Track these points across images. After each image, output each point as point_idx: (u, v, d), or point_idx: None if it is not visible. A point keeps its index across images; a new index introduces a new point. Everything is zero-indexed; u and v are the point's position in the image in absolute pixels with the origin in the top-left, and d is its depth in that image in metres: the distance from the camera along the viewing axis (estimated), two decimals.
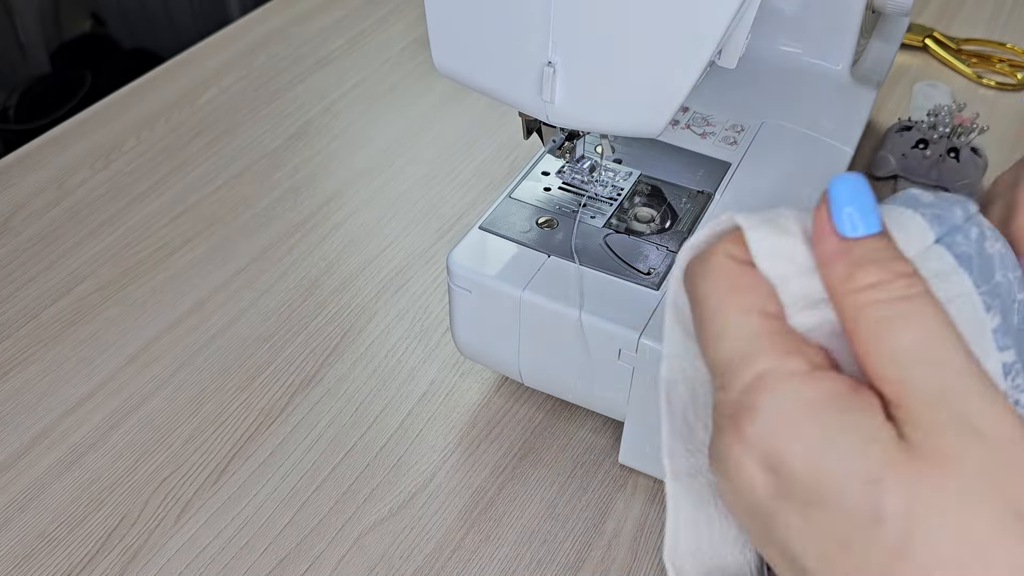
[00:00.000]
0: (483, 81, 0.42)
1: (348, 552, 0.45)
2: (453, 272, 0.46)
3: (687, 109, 0.56)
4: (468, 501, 0.47)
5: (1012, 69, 0.76)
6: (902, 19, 0.66)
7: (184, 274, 0.60)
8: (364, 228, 0.63)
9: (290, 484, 0.48)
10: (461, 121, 0.73)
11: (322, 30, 0.83)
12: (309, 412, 0.52)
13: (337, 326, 0.56)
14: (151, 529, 0.46)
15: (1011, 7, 0.85)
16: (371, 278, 0.60)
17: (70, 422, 0.51)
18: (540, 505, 0.47)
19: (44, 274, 0.60)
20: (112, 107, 0.74)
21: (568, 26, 0.37)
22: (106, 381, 0.53)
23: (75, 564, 0.45)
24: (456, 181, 0.67)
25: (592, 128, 0.42)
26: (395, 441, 0.50)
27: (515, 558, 0.45)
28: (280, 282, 0.59)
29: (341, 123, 0.73)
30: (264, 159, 0.69)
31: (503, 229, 0.47)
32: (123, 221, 0.64)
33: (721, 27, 0.36)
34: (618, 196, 0.49)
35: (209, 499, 0.47)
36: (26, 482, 0.48)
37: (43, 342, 0.56)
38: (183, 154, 0.70)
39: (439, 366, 0.54)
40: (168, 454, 0.50)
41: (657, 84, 0.38)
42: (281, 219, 0.64)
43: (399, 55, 0.80)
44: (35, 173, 0.68)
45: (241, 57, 0.79)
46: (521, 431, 0.50)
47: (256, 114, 0.73)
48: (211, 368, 0.54)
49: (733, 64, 0.40)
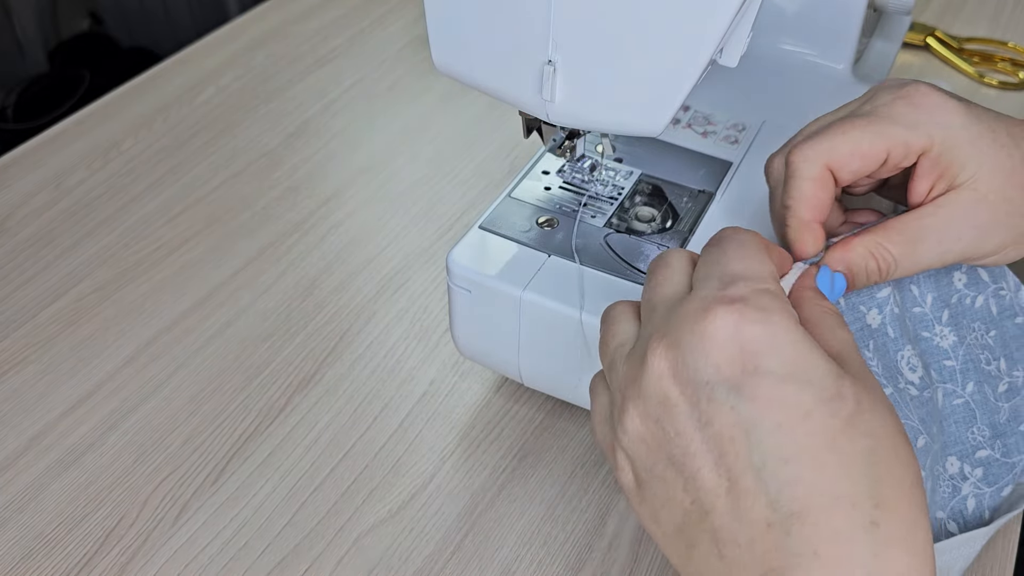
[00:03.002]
0: (483, 80, 0.41)
1: (347, 553, 0.45)
2: (453, 272, 0.46)
3: (688, 108, 0.55)
4: (468, 502, 0.47)
5: (1014, 68, 0.76)
6: (904, 18, 0.65)
7: (182, 274, 0.60)
8: (363, 227, 0.63)
9: (289, 485, 0.48)
10: (461, 120, 0.72)
11: (321, 29, 0.83)
12: (308, 413, 0.51)
13: (336, 326, 0.56)
14: (149, 530, 0.46)
15: (1013, 6, 0.85)
16: (370, 278, 0.59)
17: (68, 423, 0.51)
18: (540, 506, 0.47)
19: (42, 274, 0.60)
20: (110, 106, 0.74)
21: (569, 24, 0.37)
22: (104, 381, 0.53)
23: (73, 565, 0.45)
24: (456, 180, 0.67)
25: (592, 127, 0.41)
26: (394, 442, 0.50)
27: (515, 559, 0.45)
28: (279, 282, 0.59)
29: (340, 122, 0.72)
30: (263, 158, 0.69)
31: (503, 228, 0.47)
32: (121, 221, 0.64)
33: (722, 26, 0.36)
34: (619, 195, 0.49)
35: (208, 500, 0.47)
36: (24, 483, 0.48)
37: (41, 342, 0.55)
38: (181, 153, 0.69)
39: (439, 366, 0.54)
40: (167, 455, 0.49)
41: (658, 83, 0.38)
42: (280, 219, 0.64)
43: (398, 54, 0.80)
44: (33, 173, 0.68)
45: (240, 56, 0.79)
46: (521, 432, 0.50)
47: (255, 113, 0.73)
48: (209, 368, 0.54)
49: (734, 63, 0.40)
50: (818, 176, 0.39)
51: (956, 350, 0.43)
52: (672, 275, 0.34)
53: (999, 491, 0.43)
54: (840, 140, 0.39)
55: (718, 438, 0.29)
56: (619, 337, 0.34)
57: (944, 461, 0.42)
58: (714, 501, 0.29)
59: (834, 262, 0.39)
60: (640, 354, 0.31)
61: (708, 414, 0.29)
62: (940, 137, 0.39)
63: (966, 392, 0.43)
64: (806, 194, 0.39)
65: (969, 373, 0.43)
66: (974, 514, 0.42)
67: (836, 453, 0.28)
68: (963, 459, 0.43)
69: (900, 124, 0.39)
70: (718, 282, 0.32)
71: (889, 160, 0.39)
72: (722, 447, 0.29)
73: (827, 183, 0.39)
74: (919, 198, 0.40)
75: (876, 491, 0.28)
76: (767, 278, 0.32)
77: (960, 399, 0.43)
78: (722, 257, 0.33)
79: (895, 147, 0.39)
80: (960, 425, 0.43)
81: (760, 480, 0.28)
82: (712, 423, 0.29)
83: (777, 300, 0.31)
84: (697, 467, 0.30)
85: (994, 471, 0.43)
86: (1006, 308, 0.45)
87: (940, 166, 0.39)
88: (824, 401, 0.29)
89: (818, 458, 0.28)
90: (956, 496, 0.42)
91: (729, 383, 0.29)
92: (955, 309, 0.44)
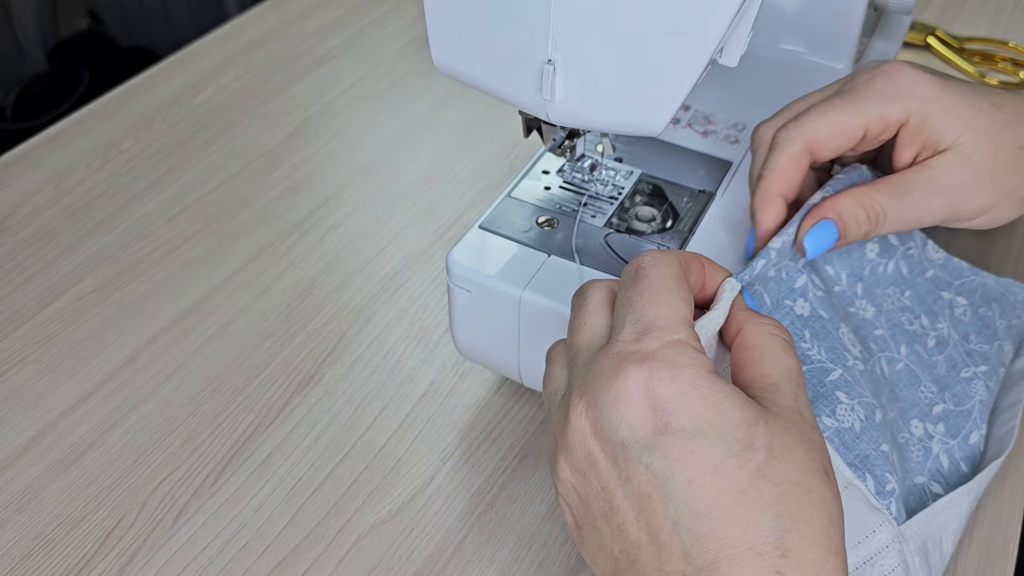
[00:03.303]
0: (483, 79, 0.41)
1: (347, 554, 0.45)
2: (452, 272, 0.46)
3: (688, 108, 0.55)
4: (468, 503, 0.47)
5: (1015, 67, 0.76)
6: (904, 17, 0.65)
7: (182, 274, 0.60)
8: (363, 227, 0.63)
9: (288, 486, 0.48)
10: (460, 120, 0.72)
11: (320, 28, 0.83)
12: (308, 413, 0.51)
13: (336, 326, 0.56)
14: (149, 530, 0.46)
15: (1013, 6, 0.85)
16: (370, 278, 0.59)
17: (68, 423, 0.51)
18: (541, 506, 0.47)
19: (41, 274, 0.60)
20: (109, 106, 0.74)
21: (568, 24, 0.37)
22: (104, 381, 0.53)
23: (72, 565, 0.45)
24: (455, 180, 0.67)
25: (592, 127, 0.41)
26: (394, 442, 0.50)
27: (515, 560, 0.45)
28: (278, 282, 0.59)
29: (339, 122, 0.72)
30: (262, 158, 0.69)
31: (503, 228, 0.47)
32: (121, 220, 0.64)
33: (723, 25, 0.36)
34: (619, 195, 0.49)
35: (207, 500, 0.47)
36: (24, 483, 0.48)
37: (41, 342, 0.55)
38: (181, 153, 0.69)
39: (438, 367, 0.54)
40: (166, 455, 0.49)
41: (658, 82, 0.38)
42: (279, 218, 0.64)
43: (398, 53, 0.80)
44: (32, 172, 0.67)
45: (239, 55, 0.79)
46: (521, 432, 0.50)
47: (254, 113, 0.73)
48: (209, 369, 0.54)
49: (735, 62, 0.40)
50: (796, 153, 0.42)
51: (879, 319, 0.45)
52: (589, 317, 0.35)
53: (965, 440, 0.44)
54: (820, 121, 0.42)
55: (636, 495, 0.30)
56: (554, 383, 0.36)
57: (908, 426, 0.43)
58: (638, 552, 0.31)
59: (825, 210, 0.42)
60: (565, 408, 0.33)
61: (627, 472, 0.30)
62: (916, 108, 0.42)
63: (903, 356, 0.45)
64: (779, 167, 0.42)
65: (898, 337, 0.45)
66: (951, 469, 0.43)
67: (744, 506, 0.29)
68: (923, 419, 0.43)
69: (876, 100, 0.42)
70: (632, 331, 0.32)
71: (868, 134, 0.42)
72: (641, 503, 0.30)
73: (802, 163, 0.43)
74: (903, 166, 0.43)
75: (782, 540, 0.29)
76: (678, 325, 0.32)
77: (900, 364, 0.44)
78: (636, 300, 0.33)
79: (872, 122, 0.42)
80: (909, 388, 0.44)
81: (676, 534, 0.30)
82: (631, 480, 0.30)
83: (686, 353, 0.31)
84: (621, 520, 0.31)
85: (954, 422, 0.44)
86: (916, 266, 0.47)
87: (922, 135, 0.42)
88: (734, 454, 0.30)
89: (727, 512, 0.29)
90: (929, 456, 0.43)
91: (642, 443, 0.30)
92: (867, 281, 0.45)
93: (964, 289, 0.48)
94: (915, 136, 0.42)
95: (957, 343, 0.46)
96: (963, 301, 0.47)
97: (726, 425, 0.30)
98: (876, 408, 0.40)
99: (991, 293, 0.48)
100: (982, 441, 0.44)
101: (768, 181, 0.43)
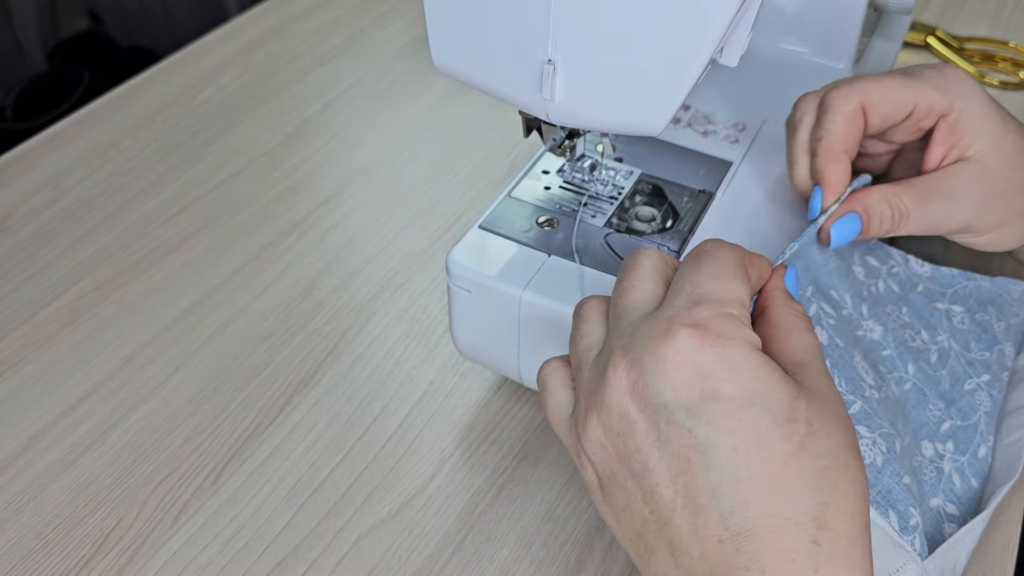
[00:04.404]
0: (482, 79, 0.41)
1: (347, 555, 0.45)
2: (452, 272, 0.46)
3: (688, 107, 0.55)
4: (468, 503, 0.47)
5: (1015, 68, 0.76)
6: (904, 17, 0.65)
7: (181, 274, 0.60)
8: (362, 227, 0.63)
9: (288, 486, 0.48)
10: (460, 120, 0.72)
11: (320, 28, 0.83)
12: (307, 413, 0.51)
13: (335, 326, 0.56)
14: (148, 531, 0.46)
15: (1013, 6, 0.84)
16: (370, 278, 0.59)
17: (67, 423, 0.51)
18: (541, 506, 0.47)
19: (41, 274, 0.60)
20: (109, 106, 0.74)
21: (568, 23, 0.37)
22: (103, 382, 0.53)
23: (72, 566, 0.45)
24: (455, 180, 0.67)
25: (592, 126, 0.41)
26: (394, 442, 0.50)
27: (515, 560, 0.45)
28: (278, 282, 0.59)
29: (339, 122, 0.72)
30: (262, 158, 0.69)
31: (503, 228, 0.47)
32: (120, 220, 0.64)
33: (723, 25, 0.36)
34: (619, 195, 0.49)
35: (207, 501, 0.47)
36: (23, 483, 0.48)
37: (40, 342, 0.55)
38: (180, 153, 0.69)
39: (438, 367, 0.53)
40: (166, 455, 0.49)
41: (658, 82, 0.38)
42: (279, 218, 0.64)
43: (398, 53, 0.80)
44: (32, 172, 0.67)
45: (239, 55, 0.79)
46: (521, 432, 0.50)
47: (254, 113, 0.73)
48: (209, 369, 0.54)
49: (735, 62, 0.40)
50: (852, 112, 0.43)
51: (886, 338, 0.45)
52: (640, 281, 0.35)
53: (975, 455, 0.44)
54: (875, 85, 0.44)
55: (675, 458, 0.30)
56: (587, 339, 0.35)
57: (920, 448, 0.43)
58: (670, 515, 0.31)
59: (853, 203, 0.43)
60: (603, 366, 0.32)
61: (666, 434, 0.30)
62: (960, 106, 0.44)
63: (910, 374, 0.45)
64: (839, 126, 0.43)
65: (904, 356, 0.45)
66: (963, 487, 0.43)
67: (787, 477, 0.30)
68: (932, 439, 0.43)
69: (929, 84, 0.44)
70: (685, 300, 0.32)
71: (914, 113, 0.44)
72: (679, 466, 0.30)
73: (859, 119, 0.44)
74: (932, 165, 0.45)
75: (820, 512, 0.30)
76: (733, 302, 0.32)
77: (908, 383, 0.44)
78: (696, 274, 0.33)
79: (921, 101, 0.44)
80: (918, 408, 0.44)
81: (715, 499, 0.30)
82: (670, 443, 0.30)
83: (738, 327, 0.32)
84: (655, 482, 0.31)
85: (962, 438, 0.44)
86: (905, 282, 0.47)
87: (955, 134, 0.44)
88: (779, 425, 0.30)
89: (770, 481, 0.30)
90: (942, 477, 0.43)
91: (687, 407, 0.30)
92: (869, 301, 0.46)
93: (958, 296, 0.48)
94: (949, 133, 0.44)
95: (958, 354, 0.46)
96: (959, 309, 0.47)
97: (772, 397, 0.30)
98: (895, 437, 0.40)
99: (986, 295, 0.48)
100: (990, 453, 0.44)
101: (832, 139, 0.43)
